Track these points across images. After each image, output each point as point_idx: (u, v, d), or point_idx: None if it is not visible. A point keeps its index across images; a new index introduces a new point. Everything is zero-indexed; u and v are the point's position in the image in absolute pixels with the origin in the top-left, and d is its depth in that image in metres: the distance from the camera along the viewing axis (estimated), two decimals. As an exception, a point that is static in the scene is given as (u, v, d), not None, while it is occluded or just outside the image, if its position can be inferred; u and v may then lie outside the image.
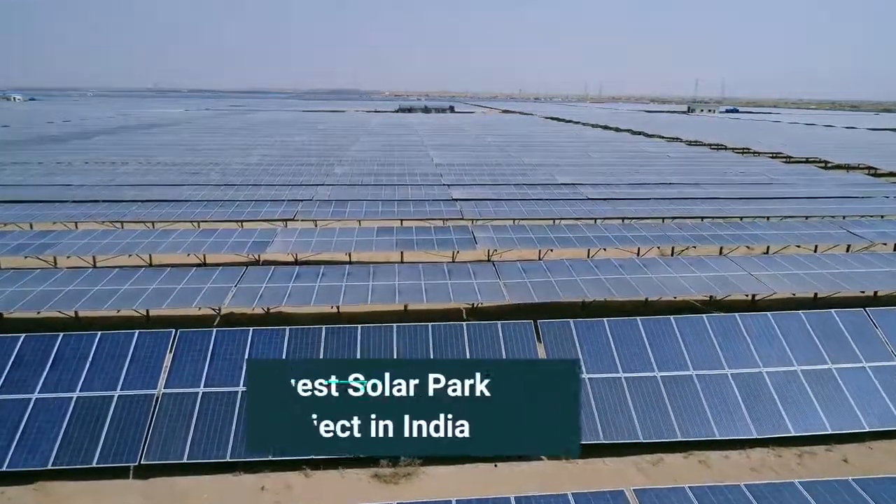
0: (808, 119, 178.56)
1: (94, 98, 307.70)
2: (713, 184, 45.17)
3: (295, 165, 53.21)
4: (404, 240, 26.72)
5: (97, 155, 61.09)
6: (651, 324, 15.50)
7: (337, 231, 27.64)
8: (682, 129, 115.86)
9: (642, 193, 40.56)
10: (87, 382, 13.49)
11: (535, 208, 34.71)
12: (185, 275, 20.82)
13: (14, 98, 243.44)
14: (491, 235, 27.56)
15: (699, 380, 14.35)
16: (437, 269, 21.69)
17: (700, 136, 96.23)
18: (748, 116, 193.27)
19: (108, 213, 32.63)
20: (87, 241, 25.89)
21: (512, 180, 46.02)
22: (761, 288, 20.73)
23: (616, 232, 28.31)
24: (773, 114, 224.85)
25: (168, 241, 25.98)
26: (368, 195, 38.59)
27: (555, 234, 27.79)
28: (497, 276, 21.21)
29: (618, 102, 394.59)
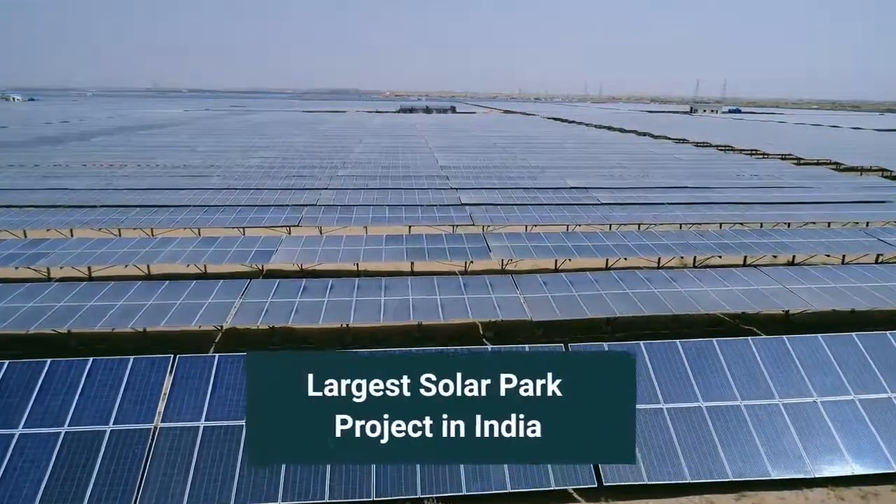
0: (813, 119, 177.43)
1: (94, 98, 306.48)
2: (728, 187, 43.91)
3: (298, 168, 51.97)
4: (415, 248, 25.45)
5: (95, 157, 59.87)
6: (692, 347, 14.23)
7: (344, 239, 26.36)
8: (687, 129, 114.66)
9: (657, 197, 39.29)
10: (76, 415, 12.22)
11: (548, 214, 33.44)
12: (185, 288, 19.56)
13: (13, 98, 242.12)
14: (505, 244, 26.29)
15: (748, 411, 13.08)
16: (452, 282, 20.43)
17: (706, 137, 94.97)
18: (752, 117, 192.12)
19: (105, 219, 31.35)
20: (83, 251, 24.63)
21: (521, 184, 44.76)
22: (797, 302, 19.46)
23: (635, 240, 27.05)
24: (776, 114, 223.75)
25: (167, 251, 24.71)
26: (374, 200, 37.33)
27: (571, 243, 26.51)
28: (516, 288, 19.96)
29: (618, 103, 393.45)
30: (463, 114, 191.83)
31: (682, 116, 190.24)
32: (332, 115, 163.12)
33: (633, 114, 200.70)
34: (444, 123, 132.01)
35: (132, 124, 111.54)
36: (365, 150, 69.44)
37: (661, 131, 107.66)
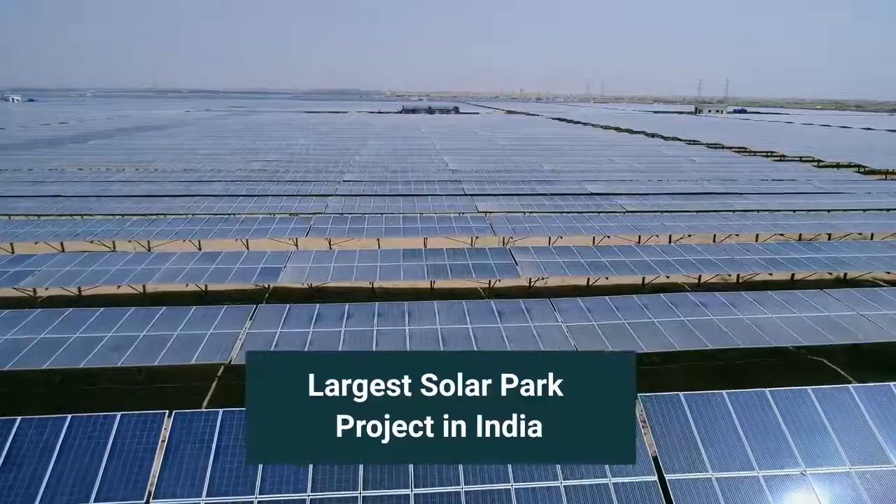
0: (819, 119, 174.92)
1: (94, 99, 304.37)
2: (757, 193, 41.73)
3: (303, 172, 49.74)
4: (435, 266, 23.20)
5: (92, 159, 57.80)
6: (783, 397, 12.00)
7: (357, 255, 24.11)
8: (696, 131, 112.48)
9: (684, 205, 37.12)
10: (48, 491, 10.01)
11: (572, 224, 31.18)
12: (184, 315, 17.35)
13: (13, 99, 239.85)
14: (533, 259, 24.06)
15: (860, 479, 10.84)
16: (483, 307, 18.20)
17: (718, 138, 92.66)
18: (758, 117, 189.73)
19: (99, 230, 29.10)
20: (72, 269, 22.42)
21: (538, 189, 42.59)
22: (879, 334, 17.17)
23: (673, 254, 24.83)
24: (781, 114, 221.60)
25: (164, 268, 22.49)
26: (386, 208, 35.17)
27: (605, 258, 24.32)
28: (556, 314, 17.76)
29: (621, 103, 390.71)
30: (466, 114, 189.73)
31: (688, 117, 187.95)
32: (335, 116, 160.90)
33: (637, 114, 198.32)
34: (449, 124, 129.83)
35: (131, 126, 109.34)
36: (371, 152, 67.23)
37: (671, 132, 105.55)
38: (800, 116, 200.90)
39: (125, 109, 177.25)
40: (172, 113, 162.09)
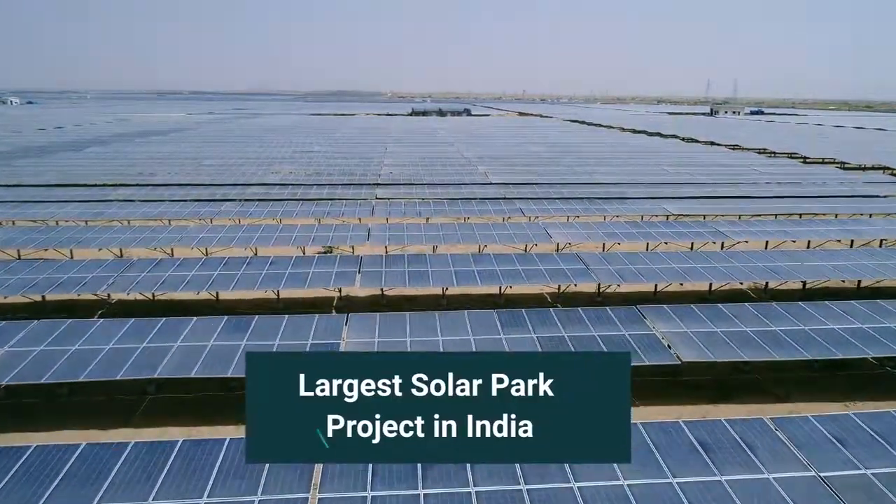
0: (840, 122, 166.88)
1: (93, 101, 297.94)
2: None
3: (328, 188, 43.14)
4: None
5: (85, 171, 51.24)
6: None
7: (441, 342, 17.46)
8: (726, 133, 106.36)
9: (801, 234, 30.49)
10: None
11: (688, 264, 24.48)
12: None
13: (10, 101, 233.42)
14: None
15: None
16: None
17: (761, 142, 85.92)
18: (781, 118, 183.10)
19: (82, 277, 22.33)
20: (43, 349, 15.76)
21: (608, 209, 36.10)
22: None
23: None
24: (799, 115, 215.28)
25: (170, 359, 15.82)
26: (450, 249, 28.55)
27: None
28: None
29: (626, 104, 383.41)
30: (478, 116, 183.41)
31: (707, 118, 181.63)
32: (343, 119, 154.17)
33: (653, 116, 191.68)
34: (466, 128, 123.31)
35: (131, 130, 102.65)
36: (396, 161, 60.44)
37: (703, 135, 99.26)
38: (818, 118, 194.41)
39: (125, 112, 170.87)
40: (174, 116, 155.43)
